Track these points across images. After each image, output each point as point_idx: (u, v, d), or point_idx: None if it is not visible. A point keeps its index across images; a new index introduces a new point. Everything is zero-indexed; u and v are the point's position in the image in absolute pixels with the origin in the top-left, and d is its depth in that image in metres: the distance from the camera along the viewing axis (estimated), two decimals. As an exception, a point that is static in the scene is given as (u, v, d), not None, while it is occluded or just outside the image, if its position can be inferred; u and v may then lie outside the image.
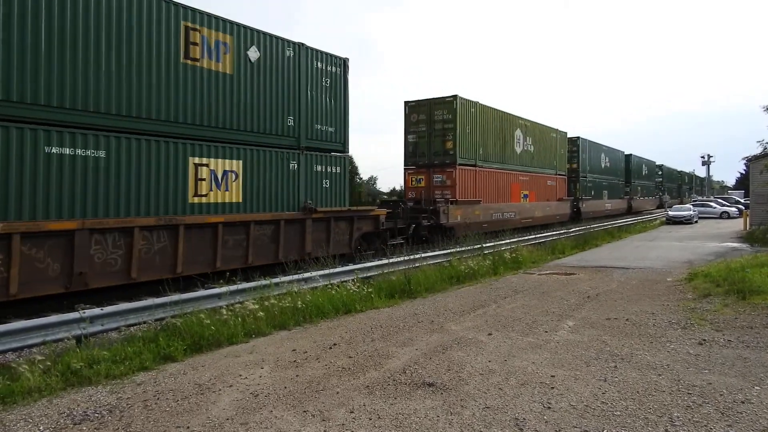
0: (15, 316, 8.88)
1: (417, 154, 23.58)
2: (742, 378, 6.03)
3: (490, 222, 24.44)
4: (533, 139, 29.99)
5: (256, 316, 8.36)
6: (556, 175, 33.32)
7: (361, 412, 5.21)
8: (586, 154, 38.77)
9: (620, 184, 47.77)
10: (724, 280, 11.28)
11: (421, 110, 23.48)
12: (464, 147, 23.18)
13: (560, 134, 34.35)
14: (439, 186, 22.72)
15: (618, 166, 47.35)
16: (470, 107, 23.67)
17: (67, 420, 5.08)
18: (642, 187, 55.40)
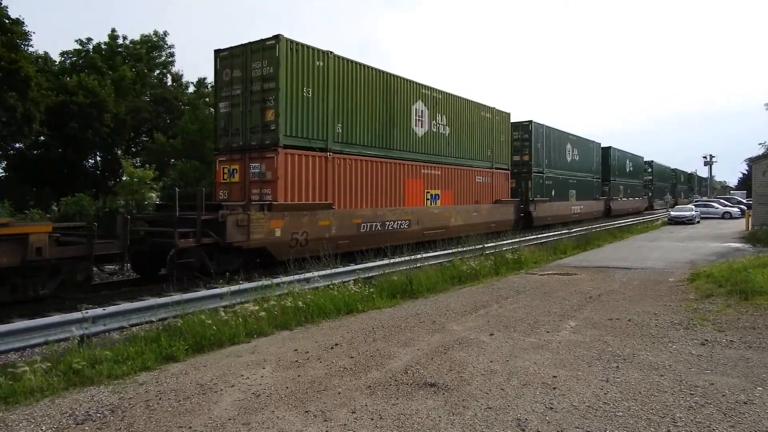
0: (18, 316, 8.90)
1: (230, 131, 15.46)
2: (744, 378, 6.01)
3: (354, 237, 16.57)
4: (449, 119, 21.93)
5: (257, 316, 8.36)
6: (493, 169, 25.33)
7: (362, 413, 5.21)
8: (542, 144, 30.88)
9: (595, 183, 40.31)
10: (727, 281, 11.26)
11: (236, 62, 15.26)
12: (299, 119, 15.00)
13: (499, 116, 26.08)
14: (257, 181, 14.75)
15: (591, 161, 39.62)
16: (310, 57, 15.41)
17: (70, 420, 5.09)
18: (626, 186, 48.47)
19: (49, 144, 30.65)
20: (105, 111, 30.24)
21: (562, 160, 33.97)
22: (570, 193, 34.99)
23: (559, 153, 33.32)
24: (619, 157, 46.50)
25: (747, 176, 67.41)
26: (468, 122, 23.47)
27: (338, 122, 16.41)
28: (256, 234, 13.50)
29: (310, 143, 15.44)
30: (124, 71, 34.93)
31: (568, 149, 34.96)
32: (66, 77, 31.96)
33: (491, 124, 25.37)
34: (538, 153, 30.43)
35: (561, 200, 33.13)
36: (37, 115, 25.66)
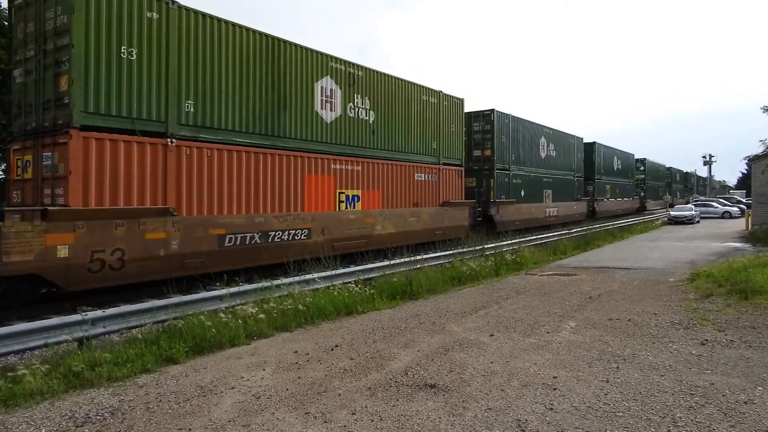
0: (17, 319, 8.89)
1: (24, 108, 11.19)
2: (744, 378, 6.01)
3: (214, 254, 12.24)
4: (373, 102, 17.58)
5: (257, 317, 8.36)
6: (440, 165, 21.06)
7: (363, 414, 5.20)
8: (508, 137, 26.60)
9: (576, 182, 35.83)
10: (727, 280, 11.26)
11: (30, 11, 11.08)
12: (112, 90, 10.68)
13: (448, 101, 21.78)
14: (49, 177, 10.43)
15: (571, 158, 35.19)
16: (136, 6, 11.10)
17: (69, 422, 5.08)
18: (614, 186, 44.45)
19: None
20: None
21: (535, 157, 29.62)
22: (544, 193, 30.65)
23: (530, 148, 29.04)
24: (605, 153, 42.40)
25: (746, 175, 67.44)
26: (403, 107, 18.86)
27: (188, 98, 11.98)
28: (17, 255, 9.06)
29: (133, 125, 10.99)
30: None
31: (542, 144, 30.66)
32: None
33: (437, 111, 20.89)
34: (503, 147, 25.96)
35: (532, 201, 28.86)
36: None
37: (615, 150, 45.63)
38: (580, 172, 36.92)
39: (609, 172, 43.50)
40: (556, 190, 32.33)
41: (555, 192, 32.23)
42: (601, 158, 41.37)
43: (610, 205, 42.97)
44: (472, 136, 25.44)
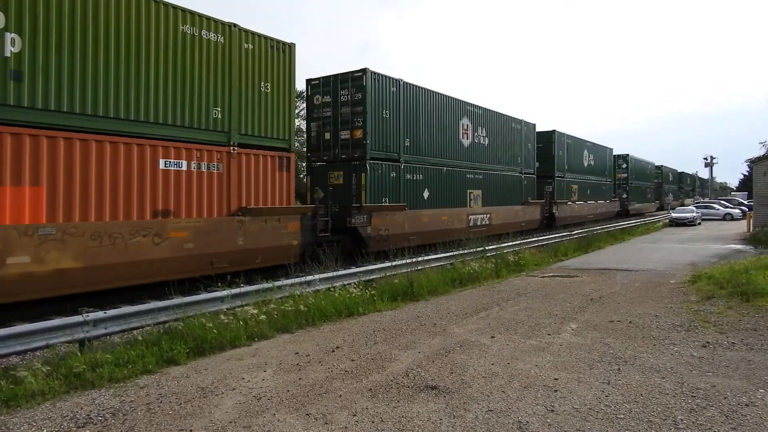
0: (19, 319, 8.90)
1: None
2: (746, 381, 6.00)
3: None
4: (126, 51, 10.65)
5: (258, 319, 8.36)
6: (228, 148, 12.67)
7: (364, 416, 5.20)
8: (394, 113, 18.37)
9: (525, 181, 28.13)
10: (728, 283, 11.25)
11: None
12: None
13: (266, 44, 13.74)
14: None
15: (518, 150, 27.45)
16: None
17: (71, 423, 5.09)
18: (583, 186, 36.81)
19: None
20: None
21: (448, 145, 21.48)
22: (469, 195, 22.77)
23: (439, 133, 20.88)
24: (571, 146, 34.85)
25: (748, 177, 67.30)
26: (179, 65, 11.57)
27: None
28: None
29: None
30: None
31: (461, 128, 22.35)
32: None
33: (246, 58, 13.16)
34: (385, 127, 17.86)
35: (446, 206, 21.00)
36: None
37: (584, 142, 37.56)
38: (530, 167, 29.06)
39: (576, 168, 35.71)
40: (490, 191, 24.49)
41: (488, 193, 24.33)
42: (565, 151, 33.74)
43: (576, 210, 35.01)
44: (339, 110, 17.31)
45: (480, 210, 23.74)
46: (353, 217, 16.49)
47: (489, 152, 24.93)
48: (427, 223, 19.91)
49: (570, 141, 34.92)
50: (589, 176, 38.59)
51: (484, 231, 23.20)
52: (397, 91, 18.59)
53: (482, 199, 24.00)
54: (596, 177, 40.22)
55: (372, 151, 17.29)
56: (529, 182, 29.20)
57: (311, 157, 18.50)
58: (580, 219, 35.41)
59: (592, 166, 39.50)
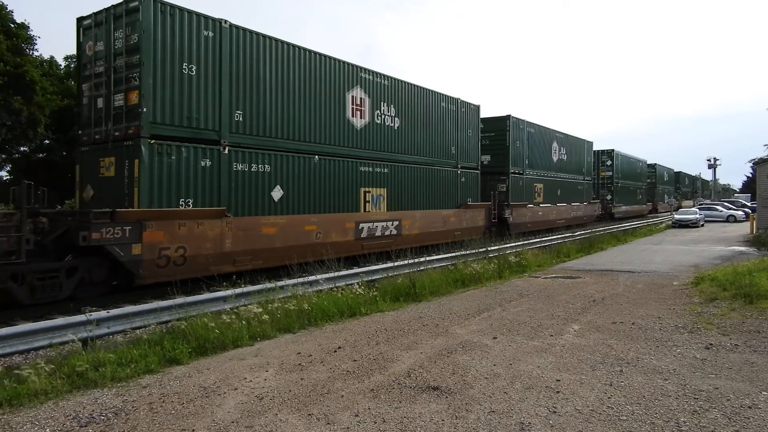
0: (22, 319, 8.93)
1: None
2: (749, 383, 5.99)
3: None
4: None
5: (260, 319, 8.37)
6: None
7: (365, 416, 5.20)
8: (210, 71, 12.56)
9: (463, 178, 22.61)
10: (731, 284, 11.22)
11: None
12: None
13: None
14: None
15: (450, 137, 21.86)
16: None
17: (73, 422, 5.10)
18: (550, 184, 30.33)
19: (54, 147, 30.78)
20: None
21: (325, 125, 15.65)
22: (364, 195, 17.08)
23: (305, 106, 14.99)
24: (534, 136, 28.22)
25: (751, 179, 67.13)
26: None
27: None
28: None
29: None
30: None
31: (351, 103, 16.66)
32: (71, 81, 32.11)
33: None
34: (186, 92, 12.13)
35: (312, 212, 15.04)
36: (42, 119, 25.78)
37: (554, 133, 31.01)
38: (472, 161, 23.33)
39: (541, 164, 29.45)
40: (401, 190, 18.82)
41: (398, 193, 18.66)
42: (524, 142, 27.29)
43: (539, 214, 28.87)
44: (113, 63, 11.90)
45: (382, 216, 17.90)
46: (96, 231, 10.30)
47: (418, 143, 19.96)
48: (274, 236, 13.72)
49: (532, 130, 28.16)
50: (559, 174, 31.76)
51: (390, 243, 17.77)
52: (217, 36, 12.66)
53: (387, 200, 18.22)
54: (570, 175, 33.50)
55: (156, 125, 11.51)
56: (470, 179, 23.23)
57: (82, 135, 12.78)
58: (545, 225, 29.27)
59: (564, 161, 32.62)
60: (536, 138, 28.99)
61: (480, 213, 23.74)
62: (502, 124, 26.12)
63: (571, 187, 33.88)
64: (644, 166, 53.91)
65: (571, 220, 33.46)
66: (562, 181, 32.51)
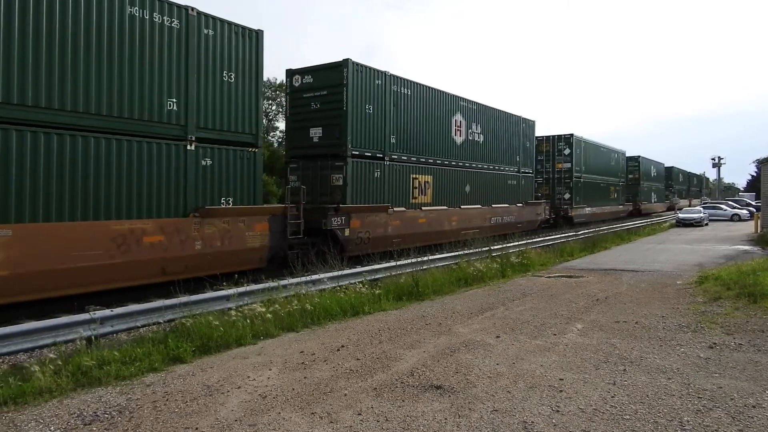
0: (26, 317, 8.97)
1: None
2: (753, 382, 5.97)
3: None
4: None
5: (264, 317, 8.39)
6: None
7: (368, 414, 5.21)
8: None
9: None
10: (735, 284, 11.19)
11: None
12: None
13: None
14: None
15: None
16: None
17: (78, 420, 5.12)
18: (456, 177, 21.69)
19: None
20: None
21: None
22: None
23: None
24: (406, 99, 18.81)
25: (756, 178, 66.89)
26: None
27: None
28: None
29: None
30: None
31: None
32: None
33: None
34: None
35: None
36: None
37: (452, 98, 21.52)
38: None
39: (428, 145, 19.98)
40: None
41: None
42: (384, 107, 17.64)
43: (417, 222, 19.17)
44: None
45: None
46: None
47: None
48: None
49: (406, 91, 18.75)
50: (469, 162, 22.52)
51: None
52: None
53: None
54: (492, 165, 24.28)
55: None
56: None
57: None
58: (435, 238, 19.85)
59: (480, 145, 23.34)
60: (415, 104, 19.30)
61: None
62: (337, 75, 16.25)
63: (493, 182, 24.37)
64: (621, 158, 44.17)
65: (492, 229, 23.55)
66: (476, 172, 22.93)
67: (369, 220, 16.94)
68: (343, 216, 15.88)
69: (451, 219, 21.34)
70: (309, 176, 17.08)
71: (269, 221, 13.28)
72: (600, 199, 38.35)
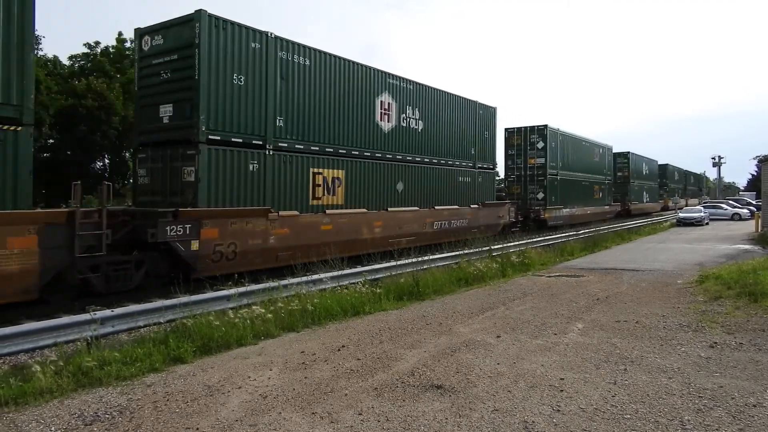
0: (27, 318, 8.97)
1: None
2: (754, 381, 5.97)
3: None
4: None
5: (264, 318, 8.39)
6: None
7: (369, 414, 5.21)
8: None
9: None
10: (736, 283, 11.18)
11: None
12: None
13: None
14: None
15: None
16: None
17: (78, 421, 5.13)
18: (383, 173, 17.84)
19: (59, 147, 30.89)
20: (113, 114, 30.46)
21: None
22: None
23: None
24: (297, 70, 14.63)
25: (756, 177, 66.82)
26: None
27: None
28: None
29: None
30: (131, 74, 35.24)
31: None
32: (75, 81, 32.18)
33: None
34: None
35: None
36: (47, 118, 25.90)
37: (378, 74, 17.79)
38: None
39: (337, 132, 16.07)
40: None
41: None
42: (259, 76, 13.67)
43: (319, 229, 15.14)
44: None
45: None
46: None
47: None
48: None
49: (304, 61, 14.95)
50: (405, 155, 18.94)
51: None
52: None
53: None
54: (438, 158, 20.81)
55: None
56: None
57: None
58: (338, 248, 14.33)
59: (419, 133, 19.71)
60: (318, 78, 15.33)
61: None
62: (189, 32, 12.64)
63: (437, 179, 20.79)
64: (607, 153, 40.77)
65: (435, 236, 20.06)
66: (413, 167, 19.39)
67: (235, 229, 12.50)
68: (187, 224, 11.48)
69: (372, 225, 17.04)
70: (159, 169, 13.12)
71: (40, 233, 9.41)
72: (581, 199, 34.82)
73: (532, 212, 29.31)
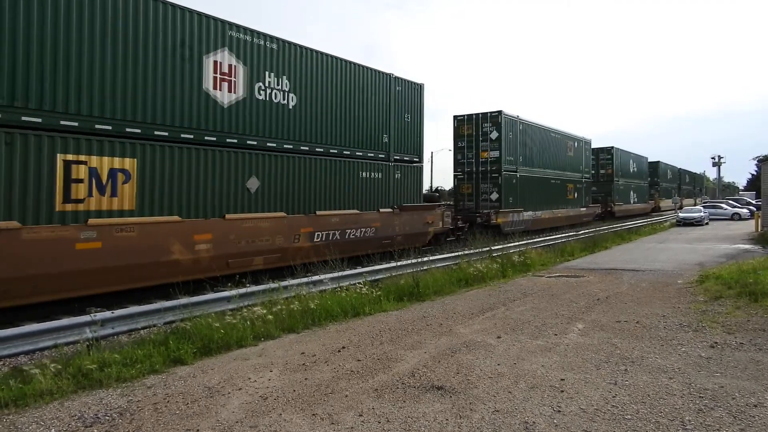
0: (27, 319, 8.97)
1: None
2: (754, 381, 5.96)
3: None
4: None
5: (264, 319, 8.39)
6: None
7: (370, 416, 5.21)
8: None
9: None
10: (736, 283, 11.18)
11: None
12: None
13: None
14: None
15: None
16: None
17: (78, 423, 5.12)
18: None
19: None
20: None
21: None
22: None
23: None
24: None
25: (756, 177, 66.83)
26: None
27: None
28: None
29: None
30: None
31: None
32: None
33: None
34: None
35: None
36: None
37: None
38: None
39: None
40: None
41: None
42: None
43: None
44: None
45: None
46: None
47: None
48: None
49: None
50: (260, 139, 13.68)
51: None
52: None
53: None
54: (327, 146, 15.71)
55: None
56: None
57: None
58: (107, 281, 10.37)
59: (291, 111, 14.59)
60: (84, 12, 10.11)
61: None
62: None
63: (324, 174, 15.54)
64: (585, 148, 35.41)
65: (315, 251, 14.67)
66: (277, 156, 14.11)
67: None
68: None
69: (191, 239, 11.74)
70: None
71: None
72: (549, 201, 29.71)
73: (480, 216, 24.11)
